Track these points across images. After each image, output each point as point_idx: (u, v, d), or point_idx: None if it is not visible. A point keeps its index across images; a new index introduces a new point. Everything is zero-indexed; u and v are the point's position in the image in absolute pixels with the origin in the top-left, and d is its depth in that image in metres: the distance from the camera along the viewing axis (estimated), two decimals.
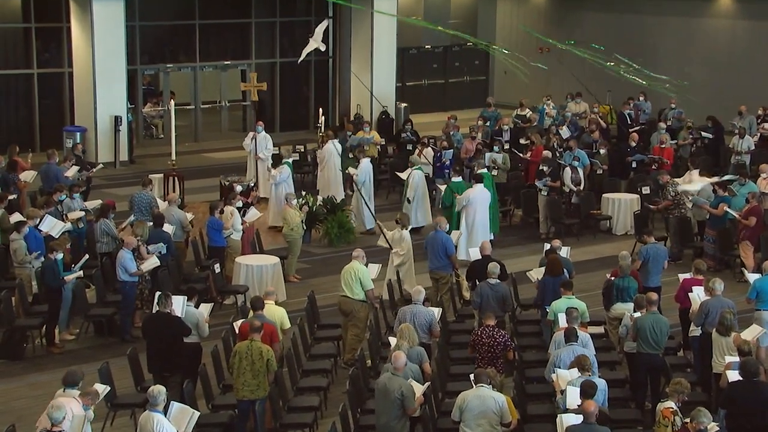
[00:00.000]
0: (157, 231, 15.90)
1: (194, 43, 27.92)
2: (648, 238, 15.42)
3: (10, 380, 13.66)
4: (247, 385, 11.50)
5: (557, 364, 11.48)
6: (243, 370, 11.49)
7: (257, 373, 11.49)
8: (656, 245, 15.42)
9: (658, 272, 15.03)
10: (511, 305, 14.17)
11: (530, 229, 20.36)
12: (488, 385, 10.61)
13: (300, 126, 28.96)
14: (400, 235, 15.86)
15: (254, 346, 11.50)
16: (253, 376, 11.49)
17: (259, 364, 11.46)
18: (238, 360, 11.52)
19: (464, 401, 10.51)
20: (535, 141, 22.03)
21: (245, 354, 11.48)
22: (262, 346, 11.52)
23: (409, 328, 11.83)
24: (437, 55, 33.59)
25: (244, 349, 11.51)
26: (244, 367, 11.49)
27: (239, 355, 11.52)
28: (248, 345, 11.52)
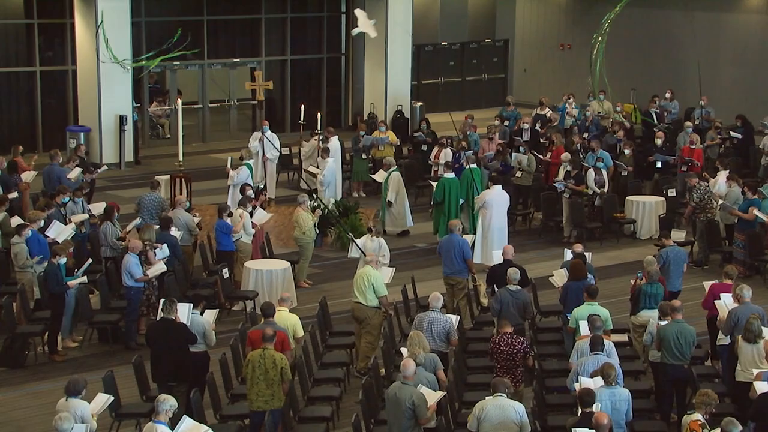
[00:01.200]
0: (163, 234, 15.92)
1: (202, 40, 27.97)
2: (667, 241, 15.39)
3: (11, 389, 13.69)
4: (261, 395, 11.50)
5: (581, 374, 11.44)
6: (256, 380, 11.49)
7: (271, 383, 11.48)
8: (675, 248, 15.40)
9: (678, 276, 14.98)
10: (531, 312, 14.13)
11: (551, 233, 20.31)
12: (506, 395, 10.57)
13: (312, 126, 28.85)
14: (378, 243, 15.48)
15: (267, 354, 11.49)
16: (267, 385, 11.49)
17: (272, 373, 11.46)
18: (251, 369, 11.52)
19: (482, 411, 10.48)
20: (555, 141, 21.99)
21: (258, 363, 11.48)
22: (276, 355, 11.52)
23: (419, 335, 11.81)
24: (454, 52, 33.57)
25: (257, 358, 11.51)
26: (258, 377, 11.48)
27: (252, 365, 11.52)
28: (261, 353, 11.52)
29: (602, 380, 10.96)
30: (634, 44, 30.60)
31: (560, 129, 24.16)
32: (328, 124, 29.89)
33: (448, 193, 19.01)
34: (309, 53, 30.19)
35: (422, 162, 23.47)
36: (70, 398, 10.54)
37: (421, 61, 31.93)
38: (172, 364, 12.13)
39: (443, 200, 18.85)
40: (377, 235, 15.57)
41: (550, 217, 20.42)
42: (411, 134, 25.28)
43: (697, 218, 18.62)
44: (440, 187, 19.04)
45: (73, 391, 10.55)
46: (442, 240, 15.68)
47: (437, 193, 19.09)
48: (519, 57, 34.65)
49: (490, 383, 10.91)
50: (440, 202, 18.99)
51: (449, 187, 18.99)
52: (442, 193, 18.95)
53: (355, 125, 29.53)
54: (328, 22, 30.13)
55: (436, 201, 19.20)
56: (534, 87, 32.47)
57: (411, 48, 29.06)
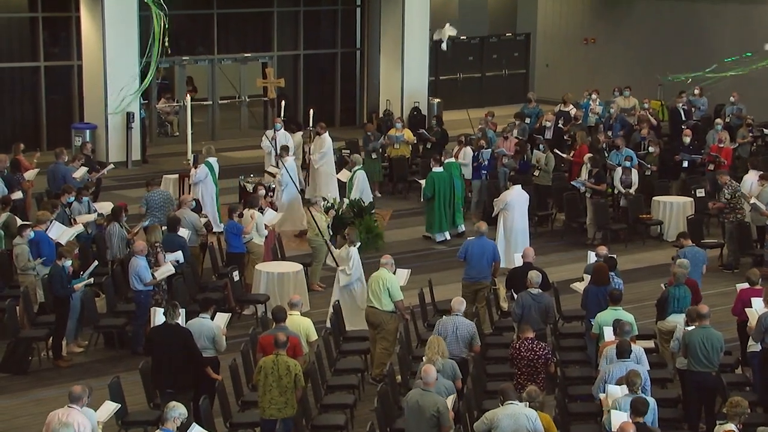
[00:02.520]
0: (172, 236, 15.94)
1: (212, 34, 28.02)
2: (685, 241, 15.40)
3: (14, 396, 13.74)
4: (274, 402, 11.51)
5: (608, 381, 11.40)
6: (269, 387, 11.50)
7: (284, 390, 11.49)
8: (694, 248, 15.43)
9: (697, 277, 14.97)
10: (553, 317, 14.11)
11: (574, 235, 20.27)
12: (518, 402, 10.55)
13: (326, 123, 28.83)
14: (347, 252, 15.22)
15: (281, 360, 11.50)
16: (280, 393, 11.49)
17: (286, 380, 11.46)
18: (264, 376, 11.53)
19: (494, 420, 10.45)
20: (578, 139, 21.94)
21: (271, 370, 11.48)
22: (289, 361, 11.53)
23: (439, 340, 11.81)
24: (473, 46, 33.53)
25: (269, 365, 11.52)
26: (270, 384, 11.49)
27: (264, 371, 11.52)
28: (274, 360, 11.52)
29: (627, 388, 10.92)
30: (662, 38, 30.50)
31: (584, 127, 24.10)
32: (342, 122, 30.05)
33: (438, 188, 19.33)
34: (323, 48, 30.20)
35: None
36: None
37: (439, 57, 31.90)
38: (172, 371, 12.12)
39: (433, 196, 19.21)
40: (351, 245, 15.23)
41: (573, 218, 20.37)
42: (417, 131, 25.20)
43: (726, 219, 18.54)
44: (430, 182, 19.38)
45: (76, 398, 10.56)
46: (468, 243, 15.54)
47: (427, 189, 19.40)
48: (541, 52, 34.58)
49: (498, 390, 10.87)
50: (431, 197, 19.32)
51: (439, 182, 19.29)
52: (432, 188, 19.29)
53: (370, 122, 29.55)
54: (342, 15, 30.14)
55: (426, 197, 19.47)
56: (556, 83, 32.38)
57: (429, 43, 29.03)
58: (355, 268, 15.18)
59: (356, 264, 15.19)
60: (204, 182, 19.53)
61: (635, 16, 31.59)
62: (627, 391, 10.95)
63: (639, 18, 31.36)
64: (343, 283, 15.21)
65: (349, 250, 15.16)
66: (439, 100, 29.58)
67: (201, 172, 19.55)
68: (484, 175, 21.06)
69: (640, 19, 31.27)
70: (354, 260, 15.13)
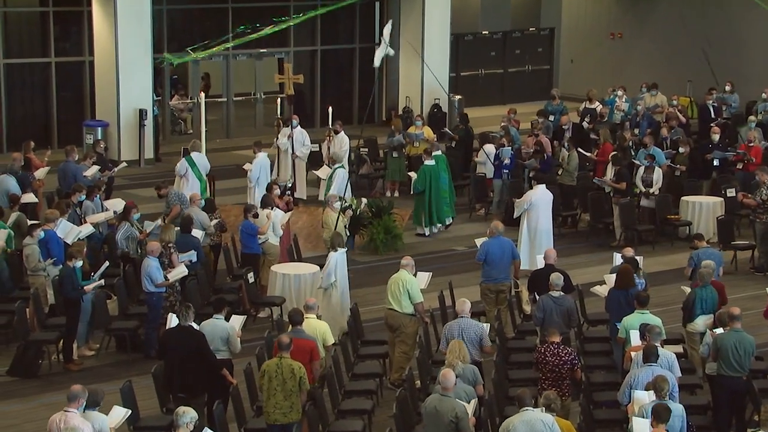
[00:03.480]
0: (185, 236, 15.99)
1: (227, 28, 28.08)
2: (699, 243, 15.42)
3: (24, 400, 13.80)
4: (278, 407, 11.53)
5: (634, 386, 11.38)
6: (273, 391, 11.52)
7: (289, 394, 11.51)
8: (708, 249, 15.43)
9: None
10: (576, 320, 14.08)
11: (599, 236, 20.22)
12: (533, 408, 10.54)
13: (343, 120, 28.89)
14: (327, 258, 15.28)
15: (284, 363, 11.52)
16: (285, 397, 11.52)
17: (290, 384, 11.49)
18: (268, 380, 11.55)
19: (510, 427, 10.44)
20: (602, 137, 21.88)
21: (275, 373, 11.51)
22: (293, 363, 11.55)
23: (461, 344, 11.81)
24: (495, 41, 33.50)
25: (273, 368, 11.54)
26: (274, 388, 11.52)
27: (268, 375, 11.55)
28: (278, 363, 11.55)
29: (654, 394, 10.89)
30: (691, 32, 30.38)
31: (609, 124, 24.04)
32: (361, 120, 30.04)
33: (430, 181, 19.68)
34: (340, 43, 30.24)
35: (461, 159, 23.41)
36: (87, 410, 10.61)
37: (460, 52, 31.89)
38: (185, 374, 12.15)
39: (424, 189, 19.69)
40: (332, 249, 15.21)
41: (599, 219, 20.32)
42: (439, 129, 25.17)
43: (758, 219, 18.46)
44: (422, 175, 19.75)
45: (90, 402, 10.61)
46: (488, 243, 15.50)
47: (419, 183, 19.75)
48: (565, 47, 34.52)
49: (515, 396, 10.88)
50: (421, 191, 19.76)
51: (431, 175, 19.65)
52: (424, 181, 19.66)
53: (389, 120, 29.54)
54: (360, 10, 30.14)
55: (417, 190, 19.81)
56: (581, 79, 32.32)
57: (449, 38, 29.01)
58: (329, 273, 15.10)
59: (334, 269, 15.12)
60: (185, 177, 19.65)
61: (663, 9, 31.49)
62: (654, 397, 10.91)
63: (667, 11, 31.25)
64: (317, 286, 15.34)
65: (329, 254, 15.17)
66: (460, 96, 29.56)
67: (181, 166, 19.71)
68: (505, 174, 21.03)
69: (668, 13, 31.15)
70: (330, 264, 15.07)
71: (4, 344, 15.02)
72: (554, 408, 10.64)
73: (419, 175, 19.87)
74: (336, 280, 15.16)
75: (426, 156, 20.08)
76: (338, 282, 15.20)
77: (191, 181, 19.74)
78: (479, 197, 21.83)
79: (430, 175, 19.82)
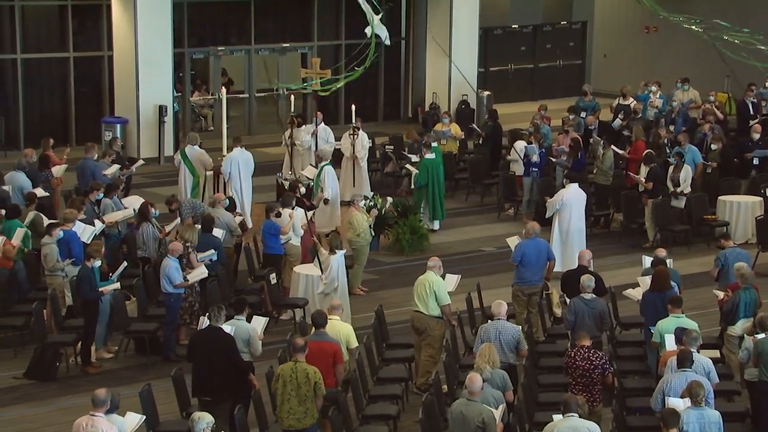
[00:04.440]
0: (206, 236, 16.05)
1: (249, 22, 28.16)
2: (726, 242, 15.42)
3: (41, 404, 13.89)
4: (292, 412, 11.55)
5: (667, 392, 11.34)
6: (288, 396, 11.54)
7: (304, 399, 11.53)
8: (736, 249, 15.42)
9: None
10: (609, 323, 14.04)
11: (632, 237, 20.16)
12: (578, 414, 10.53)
13: (368, 117, 28.98)
14: (326, 260, 15.29)
15: (299, 368, 11.54)
16: (299, 402, 11.54)
17: (305, 388, 11.50)
18: (282, 385, 11.57)
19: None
20: (635, 135, 21.80)
21: (290, 377, 11.53)
22: (308, 368, 11.56)
23: (491, 348, 11.80)
24: (526, 35, 33.43)
25: (287, 372, 11.56)
26: (289, 393, 11.53)
27: (283, 379, 11.57)
28: (292, 367, 11.56)
29: (690, 400, 10.85)
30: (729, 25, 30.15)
31: (643, 121, 23.96)
32: (386, 117, 30.07)
33: (432, 175, 19.99)
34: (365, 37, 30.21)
35: (489, 157, 23.40)
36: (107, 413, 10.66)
37: (489, 46, 31.84)
38: (213, 378, 12.19)
39: (427, 183, 19.95)
40: (332, 252, 15.19)
41: (632, 219, 20.25)
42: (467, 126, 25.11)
43: None
44: (423, 169, 19.99)
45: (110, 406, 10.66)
46: (522, 245, 15.48)
47: (421, 177, 19.96)
48: (598, 41, 34.40)
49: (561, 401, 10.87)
50: (423, 185, 20.02)
51: (432, 169, 19.96)
52: (426, 175, 19.92)
53: (415, 117, 29.55)
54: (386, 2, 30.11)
55: (419, 185, 20.03)
56: (615, 74, 32.20)
57: (478, 32, 28.97)
58: (332, 279, 15.10)
59: (335, 273, 15.13)
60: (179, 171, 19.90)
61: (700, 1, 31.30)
62: (690, 403, 10.87)
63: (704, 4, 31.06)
64: (318, 291, 15.31)
65: (329, 258, 15.14)
66: (489, 92, 29.52)
67: (176, 159, 19.94)
68: (534, 172, 20.98)
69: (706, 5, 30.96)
70: (333, 269, 15.09)
71: (21, 346, 15.11)
72: (580, 414, 10.62)
73: (421, 169, 20.11)
74: (338, 285, 15.11)
75: (426, 149, 20.32)
76: (340, 286, 15.16)
77: (184, 177, 19.94)
78: (508, 196, 21.80)
79: (431, 168, 20.12)
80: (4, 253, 15.65)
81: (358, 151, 21.52)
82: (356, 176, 21.63)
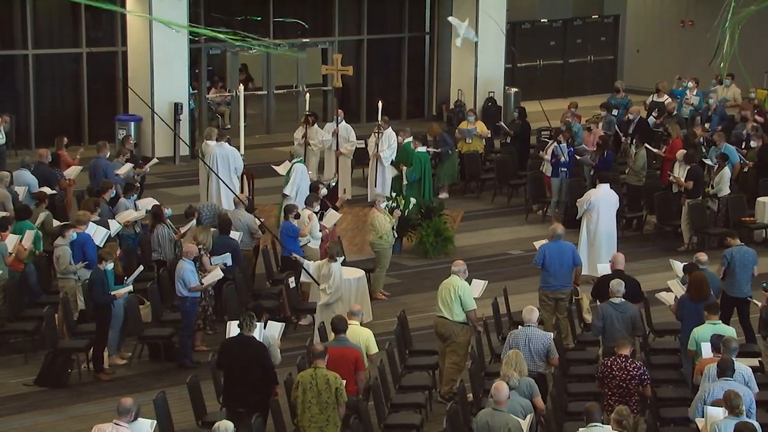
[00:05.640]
0: (223, 238, 16.07)
1: (267, 17, 28.21)
2: (733, 241, 15.42)
3: (52, 412, 13.93)
4: (314, 420, 11.57)
5: (707, 403, 11.27)
6: (308, 404, 11.56)
7: (325, 406, 11.54)
8: (743, 248, 15.38)
9: (747, 280, 14.93)
10: (641, 329, 13.98)
11: (666, 240, 20.07)
12: (602, 424, 10.48)
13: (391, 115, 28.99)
14: (328, 268, 15.05)
15: (319, 374, 11.55)
16: (321, 410, 11.55)
17: (326, 395, 11.51)
18: (302, 392, 11.58)
19: None
20: (672, 133, 21.72)
21: (309, 384, 11.54)
22: (329, 374, 11.57)
23: (519, 356, 11.77)
24: (555, 30, 33.37)
25: (307, 379, 11.58)
26: (309, 400, 11.55)
27: (302, 386, 11.58)
28: (312, 374, 11.58)
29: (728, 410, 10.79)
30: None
31: (679, 118, 23.86)
32: (410, 114, 30.07)
33: (424, 169, 20.35)
34: (388, 32, 30.26)
35: (518, 156, 23.35)
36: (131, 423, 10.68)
37: (517, 41, 31.79)
38: (244, 388, 12.16)
39: (421, 177, 20.37)
40: (332, 260, 15.00)
41: (666, 221, 20.17)
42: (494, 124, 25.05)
43: None
44: (417, 164, 20.27)
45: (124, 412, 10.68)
46: (545, 248, 15.45)
47: (416, 171, 20.27)
48: (631, 35, 34.30)
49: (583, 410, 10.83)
50: (417, 179, 20.35)
51: (424, 162, 20.38)
52: (419, 169, 20.26)
53: (440, 115, 29.53)
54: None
55: (413, 179, 20.29)
56: (648, 70, 32.12)
57: (505, 26, 28.93)
58: (336, 287, 14.92)
59: (339, 281, 14.95)
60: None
61: None
62: (728, 413, 10.81)
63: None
64: (322, 302, 15.05)
65: (330, 266, 14.98)
66: (517, 89, 29.47)
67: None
68: (564, 172, 20.91)
69: None
70: (335, 278, 14.90)
71: (32, 352, 15.17)
72: (626, 426, 10.57)
73: (414, 163, 20.36)
74: (342, 294, 15.01)
75: (417, 143, 20.57)
76: (343, 295, 15.03)
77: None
78: (536, 197, 21.76)
79: (424, 162, 20.49)
80: (16, 255, 15.72)
81: (382, 150, 21.51)
82: (378, 176, 21.63)
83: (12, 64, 26.06)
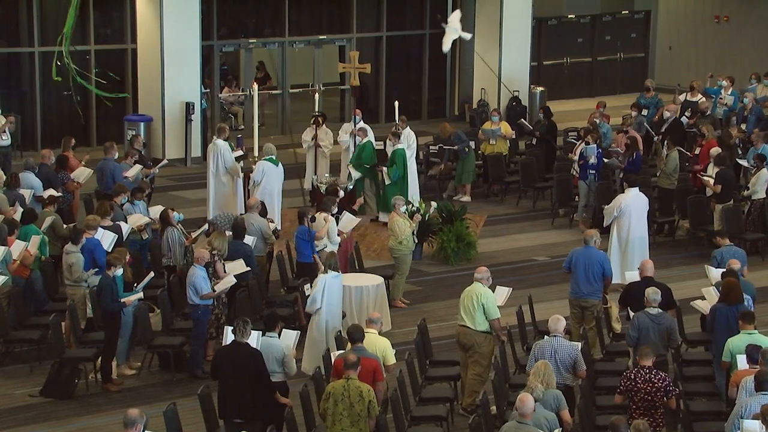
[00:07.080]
0: (237, 243, 16.10)
1: (283, 13, 28.26)
2: (722, 240, 15.54)
3: (59, 424, 13.97)
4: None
5: (744, 418, 11.23)
6: (339, 417, 11.57)
7: (357, 419, 11.55)
8: (732, 248, 15.54)
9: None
10: (677, 340, 13.95)
11: (700, 246, 20.02)
12: None
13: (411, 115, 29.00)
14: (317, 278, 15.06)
15: (351, 385, 11.57)
16: (352, 422, 11.56)
17: (358, 408, 11.52)
18: (333, 404, 11.59)
19: None
20: (706, 134, 21.65)
21: (341, 396, 11.55)
22: (362, 386, 11.59)
23: (548, 366, 11.76)
24: (583, 26, 33.33)
25: (339, 390, 11.59)
26: (341, 413, 11.56)
27: (334, 398, 11.59)
28: (344, 385, 11.59)
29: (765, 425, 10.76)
30: None
31: (713, 119, 23.79)
32: (430, 114, 30.07)
33: (406, 165, 20.55)
34: (408, 29, 30.28)
35: (544, 158, 23.31)
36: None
37: (543, 38, 31.76)
38: (241, 397, 12.22)
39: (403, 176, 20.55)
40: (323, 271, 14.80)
41: (700, 226, 20.11)
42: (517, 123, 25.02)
43: None
44: (400, 161, 20.40)
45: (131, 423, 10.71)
46: (574, 253, 15.47)
47: (399, 168, 20.37)
48: (663, 32, 34.22)
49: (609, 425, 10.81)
50: (398, 179, 20.49)
51: (405, 159, 20.58)
52: (402, 166, 20.44)
53: (462, 115, 29.53)
54: None
55: (397, 177, 20.41)
56: (681, 68, 32.05)
57: (531, 22, 28.91)
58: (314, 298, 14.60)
59: (320, 294, 14.58)
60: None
61: None
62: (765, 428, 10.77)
63: None
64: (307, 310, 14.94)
65: (318, 276, 14.81)
66: (543, 88, 29.45)
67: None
68: (592, 175, 20.83)
69: None
70: (318, 288, 14.57)
71: (38, 361, 15.22)
72: None
73: (399, 160, 20.48)
74: (321, 308, 14.66)
75: (395, 139, 20.78)
76: (323, 309, 14.67)
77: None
78: (563, 201, 21.71)
79: (405, 159, 20.64)
80: (22, 260, 15.77)
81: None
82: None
83: (18, 62, 26.18)
